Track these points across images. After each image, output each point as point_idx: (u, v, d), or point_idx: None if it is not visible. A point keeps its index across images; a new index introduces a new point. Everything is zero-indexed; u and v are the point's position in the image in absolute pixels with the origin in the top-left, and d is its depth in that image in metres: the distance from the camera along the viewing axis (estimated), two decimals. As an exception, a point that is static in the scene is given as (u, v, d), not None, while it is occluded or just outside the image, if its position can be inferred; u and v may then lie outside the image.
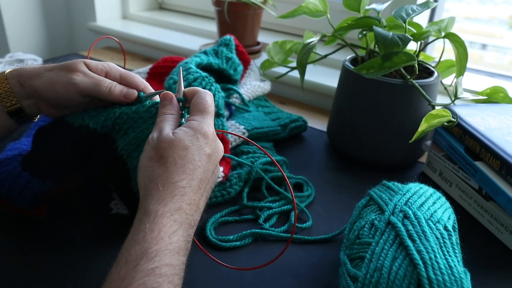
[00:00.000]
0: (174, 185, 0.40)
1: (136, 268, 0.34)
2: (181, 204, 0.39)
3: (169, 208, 0.38)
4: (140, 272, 0.33)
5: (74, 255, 0.51)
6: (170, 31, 1.36)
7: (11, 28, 1.37)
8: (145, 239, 0.35)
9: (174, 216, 0.38)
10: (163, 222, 0.37)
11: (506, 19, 1.21)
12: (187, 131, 0.43)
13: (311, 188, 0.66)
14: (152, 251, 0.35)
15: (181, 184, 0.40)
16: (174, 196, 0.39)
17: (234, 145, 0.68)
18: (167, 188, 0.39)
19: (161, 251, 0.35)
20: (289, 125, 0.80)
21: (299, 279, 0.49)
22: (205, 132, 0.44)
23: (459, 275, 0.38)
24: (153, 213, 0.37)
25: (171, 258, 0.36)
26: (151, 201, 0.39)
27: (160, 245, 0.35)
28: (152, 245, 0.35)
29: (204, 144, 0.43)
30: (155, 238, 0.36)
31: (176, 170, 0.40)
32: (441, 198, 0.48)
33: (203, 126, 0.44)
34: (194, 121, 0.45)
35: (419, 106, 0.68)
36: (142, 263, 0.34)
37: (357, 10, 0.73)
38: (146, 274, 0.33)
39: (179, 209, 0.39)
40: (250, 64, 0.87)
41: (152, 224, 0.36)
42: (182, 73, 0.51)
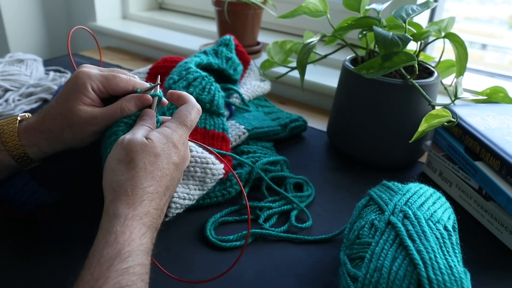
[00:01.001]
0: (143, 190, 0.41)
1: (110, 269, 0.35)
2: (149, 209, 0.41)
3: (138, 212, 0.40)
4: (114, 272, 0.35)
5: (76, 256, 0.51)
6: (170, 31, 1.36)
7: (11, 28, 1.37)
8: (117, 241, 0.37)
9: (143, 219, 0.40)
10: (133, 225, 0.38)
11: (506, 19, 1.21)
12: (160, 138, 0.44)
13: (311, 188, 0.66)
14: (125, 251, 0.36)
15: (149, 190, 0.41)
16: (143, 201, 0.40)
17: (234, 145, 0.68)
18: (136, 193, 0.40)
19: (133, 251, 0.37)
20: (289, 125, 0.80)
21: (299, 279, 0.49)
22: (175, 142, 0.45)
23: (459, 275, 0.38)
24: (123, 216, 0.39)
25: (143, 258, 0.37)
26: (120, 205, 0.39)
27: (132, 246, 0.37)
28: (125, 246, 0.37)
29: (174, 153, 0.45)
30: (127, 239, 0.37)
31: (145, 176, 0.41)
32: (441, 198, 0.48)
33: (175, 136, 0.45)
34: (168, 129, 0.45)
35: (419, 106, 0.68)
36: (115, 263, 0.35)
37: (357, 10, 0.73)
38: (120, 274, 0.35)
39: (147, 213, 0.40)
40: (249, 64, 0.87)
41: (123, 227, 0.38)
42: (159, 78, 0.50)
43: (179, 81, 0.65)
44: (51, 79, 0.99)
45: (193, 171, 0.56)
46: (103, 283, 0.34)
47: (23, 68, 0.95)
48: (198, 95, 0.65)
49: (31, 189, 0.51)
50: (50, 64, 1.10)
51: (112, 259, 0.35)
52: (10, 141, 0.47)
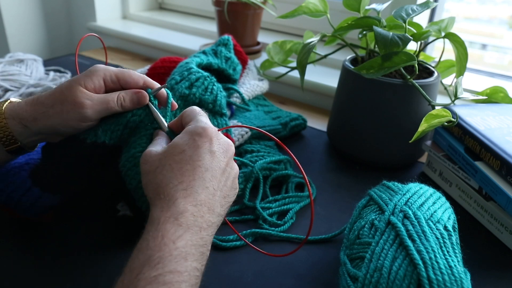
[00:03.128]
0: (174, 189, 0.39)
1: (138, 277, 0.33)
2: (186, 207, 0.38)
3: (171, 213, 0.37)
4: (142, 281, 0.33)
5: (79, 258, 0.51)
6: (170, 31, 1.36)
7: (11, 28, 1.37)
8: (148, 247, 0.35)
9: (179, 220, 0.37)
10: (166, 228, 0.36)
11: (506, 19, 1.21)
12: (181, 137, 0.43)
13: (313, 188, 0.66)
14: (155, 258, 0.34)
15: (181, 186, 0.39)
16: (176, 200, 0.38)
17: (237, 144, 0.69)
18: (167, 194, 0.39)
19: (164, 257, 0.34)
20: (289, 124, 0.80)
21: (299, 279, 0.49)
22: (200, 132, 0.43)
23: (459, 275, 0.38)
24: (156, 220, 0.37)
25: (176, 264, 0.34)
26: (155, 210, 0.38)
27: (163, 252, 0.34)
28: (155, 252, 0.34)
29: (203, 142, 0.42)
30: (158, 244, 0.35)
31: (173, 175, 0.40)
32: (441, 198, 0.48)
33: (198, 127, 0.43)
34: (189, 127, 0.44)
35: (419, 106, 0.68)
36: (144, 271, 0.33)
37: (357, 10, 0.73)
38: (148, 282, 0.32)
39: (184, 212, 0.37)
40: (247, 63, 0.87)
41: (155, 232, 0.36)
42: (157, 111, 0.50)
43: (181, 81, 0.65)
44: (51, 79, 0.99)
45: None
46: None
47: (23, 68, 0.95)
48: (201, 95, 0.65)
49: (35, 194, 0.50)
50: (50, 64, 1.10)
51: (142, 266, 0.33)
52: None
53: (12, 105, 0.47)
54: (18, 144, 0.48)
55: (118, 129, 0.50)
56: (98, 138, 0.49)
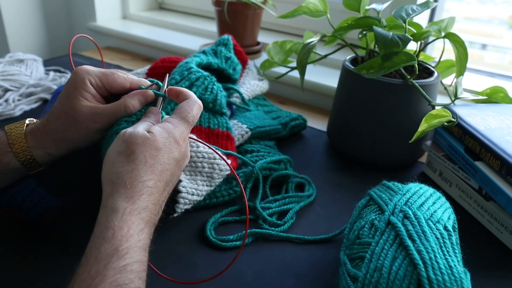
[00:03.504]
0: (143, 184, 0.40)
1: (107, 266, 0.34)
2: (148, 204, 0.40)
3: (137, 206, 0.39)
4: (112, 270, 0.34)
5: (79, 258, 0.50)
6: (170, 31, 1.36)
7: (11, 28, 1.37)
8: (115, 237, 0.36)
9: (142, 214, 0.39)
10: (131, 220, 0.37)
11: (506, 19, 1.21)
12: (162, 132, 0.44)
13: (313, 188, 0.66)
14: (123, 248, 0.35)
15: (149, 184, 0.40)
16: (141, 195, 0.39)
17: (237, 144, 0.69)
18: (135, 186, 0.40)
19: (131, 248, 0.36)
20: (290, 124, 0.80)
21: (299, 279, 0.49)
22: (177, 137, 0.45)
23: (459, 275, 0.38)
24: (121, 210, 0.38)
25: (140, 255, 0.36)
26: (118, 198, 0.39)
27: (130, 243, 0.36)
28: (122, 242, 0.36)
29: (175, 148, 0.44)
30: (125, 235, 0.36)
31: (145, 169, 0.41)
32: (441, 198, 0.48)
33: (177, 131, 0.45)
34: (170, 124, 0.45)
35: (419, 106, 0.68)
36: (113, 260, 0.34)
37: (357, 10, 0.73)
38: (118, 271, 0.34)
39: (145, 208, 0.39)
40: (247, 63, 0.87)
41: (121, 222, 0.37)
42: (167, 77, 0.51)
43: (182, 81, 0.65)
44: (51, 79, 0.99)
45: (201, 167, 0.56)
46: (100, 281, 0.33)
47: (23, 68, 0.95)
48: (201, 95, 0.65)
49: (39, 195, 0.50)
50: (50, 64, 1.10)
51: (110, 256, 0.35)
52: (17, 143, 0.46)
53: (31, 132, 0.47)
54: (42, 167, 0.49)
55: None
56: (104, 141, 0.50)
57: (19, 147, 0.46)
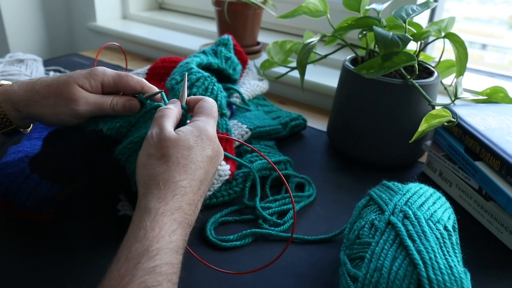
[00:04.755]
0: (176, 184, 0.40)
1: (137, 266, 0.34)
2: (181, 204, 0.39)
3: (170, 207, 0.38)
4: (141, 271, 0.34)
5: (81, 257, 0.51)
6: (170, 31, 1.36)
7: (11, 28, 1.37)
8: (146, 237, 0.36)
9: (174, 215, 0.38)
10: (163, 221, 0.37)
11: (506, 19, 1.21)
12: (192, 131, 0.43)
13: (313, 188, 0.66)
14: (153, 249, 0.35)
15: (182, 183, 0.40)
16: (175, 195, 0.39)
17: (237, 144, 0.69)
18: (168, 187, 0.39)
19: (161, 249, 0.35)
20: (290, 124, 0.80)
21: (299, 279, 0.49)
22: (209, 133, 0.44)
23: (459, 275, 0.38)
24: (154, 211, 0.37)
25: (171, 257, 0.36)
26: (151, 199, 0.38)
27: (160, 244, 0.35)
28: (153, 243, 0.35)
29: (207, 145, 0.43)
30: (156, 236, 0.36)
31: (178, 169, 0.40)
32: (441, 198, 0.48)
33: (208, 128, 0.44)
34: (200, 122, 0.45)
35: (419, 106, 0.68)
36: (143, 261, 0.34)
37: (357, 10, 0.73)
38: (147, 273, 0.34)
39: (179, 208, 0.39)
40: (247, 63, 0.87)
41: (153, 222, 0.37)
42: (186, 82, 0.51)
43: (182, 81, 0.65)
44: (51, 79, 0.99)
45: None
46: (129, 281, 0.33)
47: (23, 68, 0.95)
48: (202, 95, 0.65)
49: (34, 181, 0.50)
50: (50, 64, 1.10)
51: (140, 257, 0.34)
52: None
53: (4, 89, 0.48)
54: (13, 126, 0.49)
55: (117, 121, 0.51)
56: (97, 127, 0.51)
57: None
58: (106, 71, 0.50)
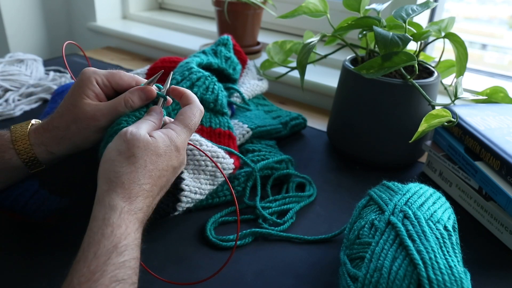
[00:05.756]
0: (140, 186, 0.41)
1: (107, 262, 0.35)
2: (143, 205, 0.41)
3: (133, 206, 0.40)
4: (111, 265, 0.35)
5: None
6: (170, 31, 1.36)
7: (11, 28, 1.37)
8: (114, 234, 0.37)
9: (137, 214, 0.40)
10: (129, 219, 0.39)
11: (506, 19, 1.21)
12: (164, 139, 0.44)
13: (313, 188, 0.66)
14: (122, 245, 0.37)
15: (146, 187, 0.42)
16: (138, 197, 0.41)
17: (238, 143, 0.69)
18: (132, 188, 0.41)
19: (129, 245, 0.38)
20: (290, 123, 0.80)
21: (299, 279, 0.49)
22: (178, 145, 0.45)
23: (459, 275, 0.38)
24: (119, 208, 0.39)
25: (137, 252, 0.38)
26: (116, 197, 0.40)
27: (128, 240, 0.38)
28: (121, 240, 0.37)
29: (175, 156, 0.45)
30: (123, 233, 0.38)
31: (143, 173, 0.42)
32: (441, 198, 0.48)
33: (179, 140, 0.45)
34: (173, 132, 0.45)
35: (419, 106, 0.68)
36: (112, 257, 0.36)
37: (357, 10, 0.73)
38: (117, 267, 0.36)
39: (141, 209, 0.41)
40: (247, 63, 0.87)
41: (119, 220, 0.38)
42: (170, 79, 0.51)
43: (182, 81, 0.65)
44: (51, 79, 0.99)
45: (204, 165, 0.56)
46: (100, 276, 0.34)
47: (23, 68, 0.95)
48: (202, 95, 0.65)
49: (42, 197, 0.50)
50: (50, 64, 1.10)
51: (109, 253, 0.36)
52: (20, 140, 0.47)
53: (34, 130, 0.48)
54: (43, 167, 0.49)
55: None
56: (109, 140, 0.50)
57: (21, 144, 0.47)
58: (95, 71, 0.49)
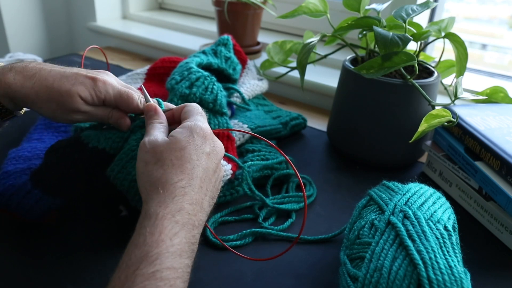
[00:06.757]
0: (174, 186, 0.39)
1: (136, 272, 0.33)
2: (183, 205, 0.39)
3: (169, 209, 0.38)
4: (140, 276, 0.33)
5: (81, 258, 0.51)
6: (170, 31, 1.36)
7: (11, 28, 1.37)
8: (145, 243, 0.35)
9: (176, 217, 0.37)
10: (163, 225, 0.36)
11: (506, 19, 1.21)
12: (182, 132, 0.43)
13: (313, 188, 0.66)
14: (153, 254, 0.34)
15: (181, 184, 0.40)
16: (174, 197, 0.39)
17: (238, 144, 0.69)
18: (167, 189, 0.39)
19: (161, 254, 0.34)
20: (290, 123, 0.80)
21: (299, 279, 0.49)
22: (200, 130, 0.44)
23: (459, 275, 0.38)
24: (153, 216, 0.37)
25: (173, 261, 0.35)
26: (152, 204, 0.38)
27: (160, 248, 0.35)
28: (153, 248, 0.34)
29: (201, 142, 0.43)
30: (156, 241, 0.35)
31: (174, 171, 0.40)
32: (441, 198, 0.48)
33: (198, 125, 0.44)
34: (188, 122, 0.45)
35: (419, 106, 0.68)
36: (142, 267, 0.33)
37: (357, 10, 0.73)
38: (146, 278, 0.33)
39: (180, 209, 0.38)
40: (247, 63, 0.87)
41: (153, 227, 0.36)
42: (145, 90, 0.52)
43: (182, 81, 0.65)
44: (51, 79, 0.99)
45: None
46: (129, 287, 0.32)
47: (23, 68, 0.95)
48: (201, 95, 0.65)
49: (35, 197, 0.50)
50: (50, 64, 1.09)
51: (139, 262, 0.34)
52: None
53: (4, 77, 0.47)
54: (13, 114, 0.50)
55: (119, 141, 0.51)
56: (100, 144, 0.51)
57: None
58: (109, 90, 0.49)
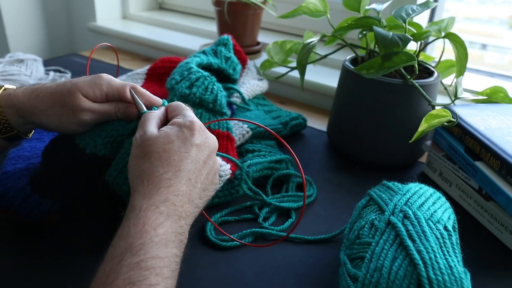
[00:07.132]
0: (159, 178, 0.40)
1: (120, 263, 0.33)
2: (167, 196, 0.39)
3: (153, 201, 0.38)
4: (125, 267, 0.33)
5: (81, 258, 0.50)
6: (170, 31, 1.36)
7: (11, 28, 1.37)
8: (129, 234, 0.35)
9: (160, 208, 0.38)
10: (147, 216, 0.37)
11: (506, 19, 1.21)
12: (171, 127, 0.44)
13: (313, 188, 0.66)
14: (137, 245, 0.34)
15: (166, 176, 0.40)
16: (159, 189, 0.39)
17: (238, 144, 0.69)
18: (151, 182, 0.39)
19: (146, 244, 0.35)
20: (290, 123, 0.80)
21: (299, 279, 0.49)
22: (190, 124, 0.44)
23: (459, 275, 0.38)
24: (137, 207, 0.37)
25: (158, 250, 0.35)
26: (136, 196, 0.39)
27: (144, 238, 0.35)
28: (136, 239, 0.35)
29: (190, 135, 0.43)
30: (139, 231, 0.35)
31: (160, 164, 0.40)
32: (441, 198, 0.48)
33: (187, 119, 0.45)
34: (177, 118, 0.45)
35: (419, 106, 0.68)
36: (126, 257, 0.34)
37: (357, 10, 0.73)
38: (131, 268, 0.33)
39: (165, 200, 0.38)
40: (247, 63, 0.87)
41: (137, 219, 0.36)
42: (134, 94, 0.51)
43: (182, 81, 0.65)
44: (51, 79, 0.99)
45: None
46: (114, 279, 0.33)
47: (23, 68, 0.95)
48: (201, 95, 0.65)
49: (35, 201, 0.50)
50: (50, 64, 1.10)
51: (123, 254, 0.34)
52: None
53: (7, 93, 0.48)
54: (15, 131, 0.49)
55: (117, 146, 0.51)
56: (98, 151, 0.50)
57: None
58: (111, 82, 0.49)
